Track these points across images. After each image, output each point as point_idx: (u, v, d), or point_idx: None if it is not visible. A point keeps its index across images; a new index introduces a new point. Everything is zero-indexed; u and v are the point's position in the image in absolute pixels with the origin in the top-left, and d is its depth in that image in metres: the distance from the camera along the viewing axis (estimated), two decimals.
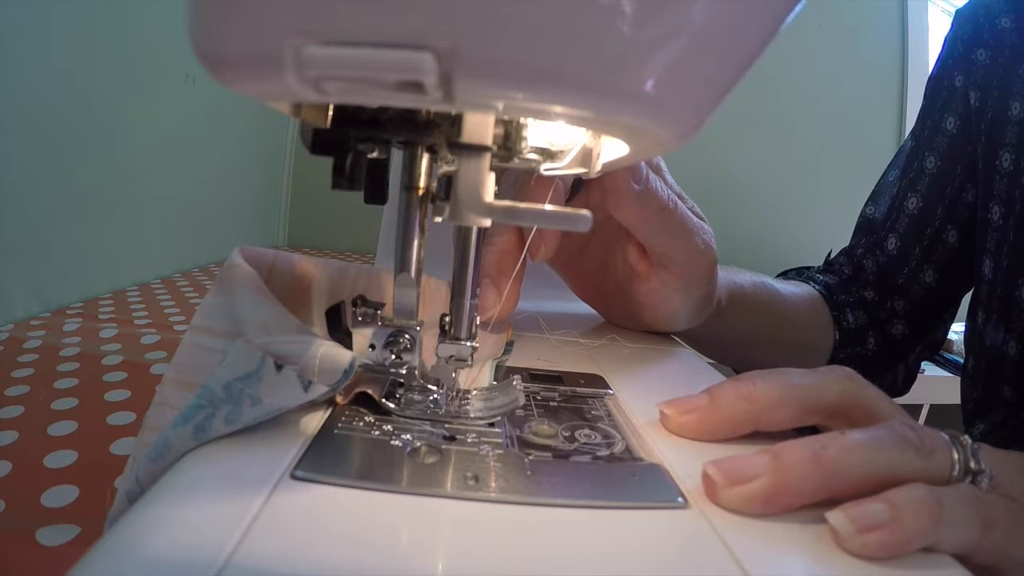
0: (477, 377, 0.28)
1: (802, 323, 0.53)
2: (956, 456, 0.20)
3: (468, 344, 0.24)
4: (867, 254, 0.59)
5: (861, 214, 0.61)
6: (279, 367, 0.20)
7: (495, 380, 0.28)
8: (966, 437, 0.21)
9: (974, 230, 0.53)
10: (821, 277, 0.59)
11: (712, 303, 0.39)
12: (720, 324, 0.42)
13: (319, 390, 0.20)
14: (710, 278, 0.37)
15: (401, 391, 0.24)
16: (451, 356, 0.24)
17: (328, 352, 0.21)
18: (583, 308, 0.44)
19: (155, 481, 0.18)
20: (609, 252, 0.39)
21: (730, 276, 0.44)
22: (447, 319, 0.24)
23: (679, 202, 0.34)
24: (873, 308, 0.57)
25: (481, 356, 0.29)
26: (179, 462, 0.19)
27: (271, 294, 0.25)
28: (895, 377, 0.59)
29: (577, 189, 0.34)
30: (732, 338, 0.47)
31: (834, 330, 0.54)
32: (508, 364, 0.31)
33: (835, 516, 0.17)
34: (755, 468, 0.19)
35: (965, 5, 0.55)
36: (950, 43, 0.56)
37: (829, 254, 0.63)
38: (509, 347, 0.33)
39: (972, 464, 0.20)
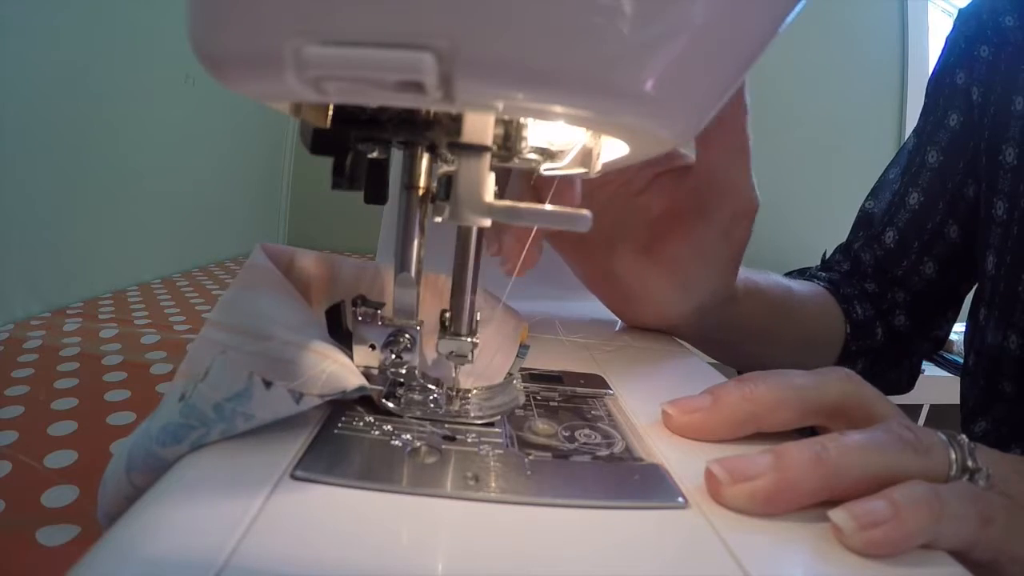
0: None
1: (814, 318, 0.53)
2: (953, 455, 0.20)
3: (469, 340, 0.24)
4: (865, 248, 0.59)
5: (860, 209, 0.61)
6: (268, 384, 0.19)
7: None
8: (963, 436, 0.21)
9: (975, 225, 0.53)
10: (823, 274, 0.59)
11: (736, 270, 0.39)
12: (736, 317, 0.42)
13: (311, 402, 0.20)
14: (748, 226, 0.37)
15: (401, 391, 0.24)
16: (451, 352, 0.24)
17: (336, 372, 0.21)
18: (597, 312, 0.44)
19: (152, 483, 0.18)
20: (619, 226, 0.38)
21: (743, 272, 0.43)
22: (447, 315, 0.24)
23: None
24: (875, 299, 0.57)
25: (492, 371, 0.28)
26: (178, 462, 0.19)
27: (296, 292, 0.25)
28: (900, 373, 0.59)
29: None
30: (746, 333, 0.46)
31: (845, 323, 0.54)
32: None
33: (838, 514, 0.17)
34: (758, 467, 0.19)
35: (969, 4, 0.55)
36: (952, 41, 0.55)
37: (824, 254, 0.63)
38: (525, 350, 0.33)
39: (969, 463, 0.20)
